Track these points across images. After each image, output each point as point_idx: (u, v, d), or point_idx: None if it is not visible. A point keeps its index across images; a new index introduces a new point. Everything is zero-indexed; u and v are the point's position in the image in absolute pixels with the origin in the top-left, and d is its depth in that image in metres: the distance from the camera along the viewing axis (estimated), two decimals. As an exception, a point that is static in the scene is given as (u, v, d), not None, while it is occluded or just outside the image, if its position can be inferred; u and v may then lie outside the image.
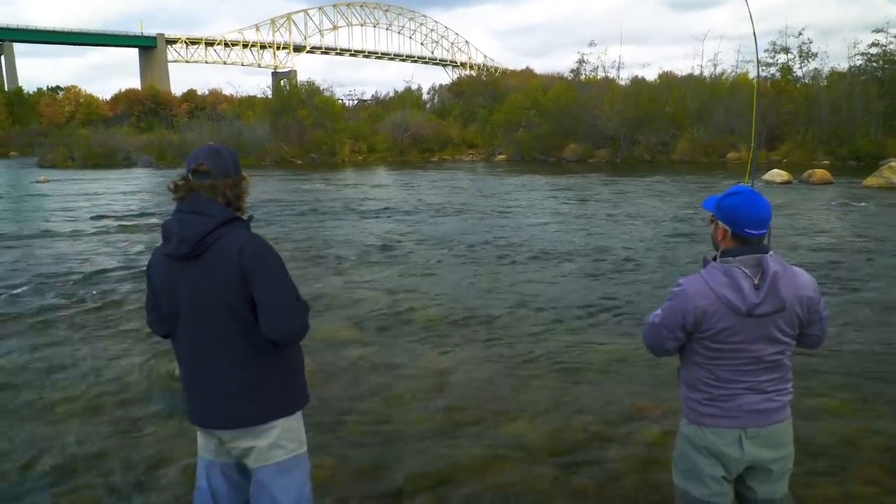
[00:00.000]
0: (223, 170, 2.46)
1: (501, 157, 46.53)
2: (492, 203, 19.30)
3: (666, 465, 2.72)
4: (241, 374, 2.45)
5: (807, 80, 42.12)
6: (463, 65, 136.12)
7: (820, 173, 24.04)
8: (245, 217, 2.55)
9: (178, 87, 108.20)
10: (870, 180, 21.87)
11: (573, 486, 3.85)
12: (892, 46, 37.84)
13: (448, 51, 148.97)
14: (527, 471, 4.04)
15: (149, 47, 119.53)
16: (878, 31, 38.43)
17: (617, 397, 5.15)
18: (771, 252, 2.38)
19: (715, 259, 2.44)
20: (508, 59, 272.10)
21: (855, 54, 40.11)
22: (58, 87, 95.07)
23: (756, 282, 2.31)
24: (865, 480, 3.83)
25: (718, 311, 2.34)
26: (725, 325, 2.35)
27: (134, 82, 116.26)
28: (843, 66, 41.37)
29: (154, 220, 16.86)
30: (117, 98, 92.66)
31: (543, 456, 4.23)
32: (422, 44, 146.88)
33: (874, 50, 38.57)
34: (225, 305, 2.39)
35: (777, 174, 24.26)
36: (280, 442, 2.53)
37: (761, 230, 2.37)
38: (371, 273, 10.01)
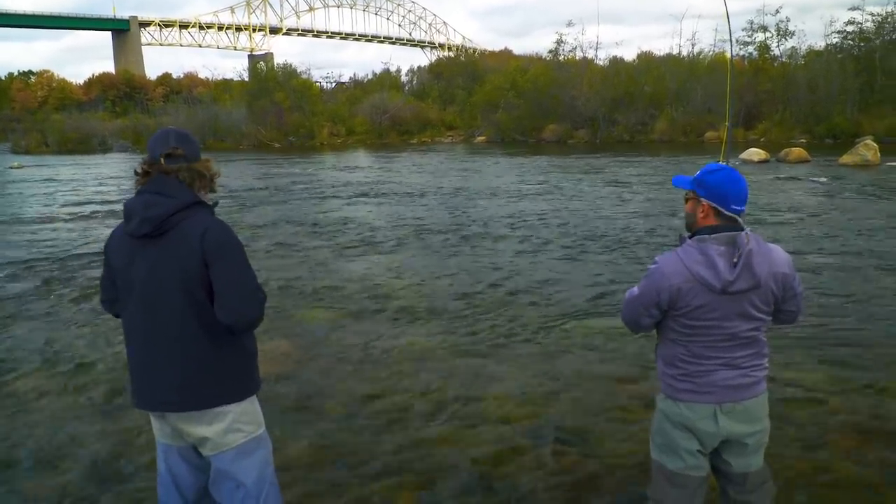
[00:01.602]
0: (195, 153, 2.50)
1: (481, 138, 46.45)
2: (472, 185, 19.28)
3: (647, 440, 2.76)
4: (193, 357, 2.43)
5: (784, 59, 42.40)
6: (441, 46, 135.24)
7: (797, 152, 24.23)
8: (211, 203, 2.55)
9: (152, 70, 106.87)
10: (845, 158, 22.10)
11: (556, 462, 3.88)
12: (867, 24, 38.19)
13: (426, 32, 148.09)
14: (509, 448, 4.06)
15: (122, 30, 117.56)
16: (853, 8, 38.76)
17: (599, 374, 5.19)
18: (746, 229, 2.39)
19: (691, 237, 2.45)
20: (488, 39, 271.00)
21: (831, 32, 40.49)
22: (30, 72, 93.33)
23: (735, 259, 2.33)
24: (839, 454, 3.89)
25: (693, 288, 2.36)
26: (700, 302, 2.37)
27: (108, 66, 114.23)
28: (820, 44, 41.73)
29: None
30: (91, 82, 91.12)
31: (526, 433, 4.26)
32: (399, 25, 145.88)
33: (850, 28, 38.92)
34: (182, 288, 2.37)
35: (755, 153, 24.43)
36: (236, 426, 2.52)
37: (743, 206, 2.38)
38: (350, 255, 9.98)
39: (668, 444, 2.57)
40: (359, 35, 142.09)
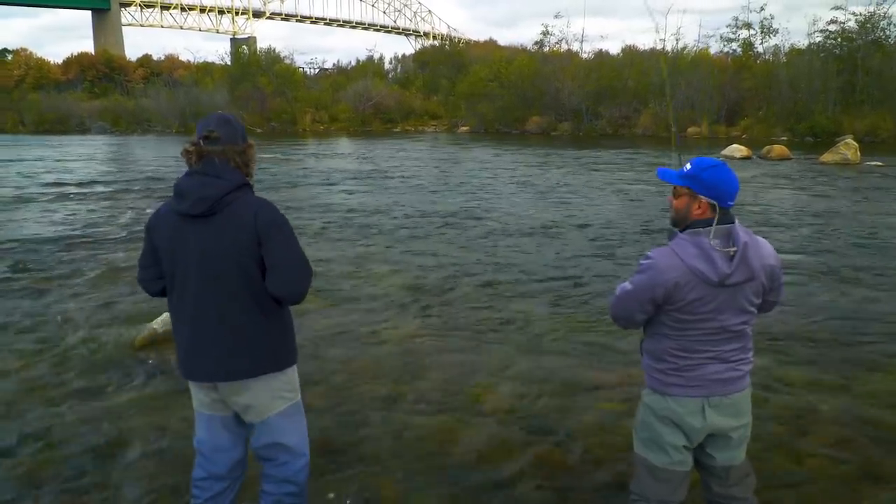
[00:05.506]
0: (232, 138, 2.61)
1: (464, 128, 46.38)
2: (455, 175, 19.24)
3: (628, 432, 2.75)
4: (244, 329, 2.60)
5: (768, 57, 42.65)
6: (426, 35, 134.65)
7: (778, 149, 24.39)
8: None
9: (132, 51, 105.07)
10: (826, 157, 22.28)
11: (539, 454, 3.88)
12: (850, 24, 38.42)
13: (411, 20, 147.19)
14: (492, 439, 4.05)
15: (102, 9, 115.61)
16: (837, 8, 39.13)
17: (580, 366, 5.19)
18: (737, 221, 2.39)
19: (682, 231, 2.43)
20: (476, 29, 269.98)
21: (814, 31, 40.74)
22: (6, 50, 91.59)
23: (732, 252, 2.32)
24: (818, 449, 3.92)
25: (690, 282, 2.34)
26: (696, 295, 2.35)
27: (87, 46, 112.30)
28: (804, 42, 41.95)
29: (108, 188, 16.47)
30: (69, 62, 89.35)
31: (507, 424, 4.25)
32: (384, 12, 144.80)
33: (833, 27, 39.15)
34: (237, 264, 2.53)
35: (736, 149, 24.57)
36: (280, 393, 2.75)
37: (734, 201, 2.40)
38: (334, 243, 9.92)
39: (653, 439, 2.55)
40: (343, 21, 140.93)
